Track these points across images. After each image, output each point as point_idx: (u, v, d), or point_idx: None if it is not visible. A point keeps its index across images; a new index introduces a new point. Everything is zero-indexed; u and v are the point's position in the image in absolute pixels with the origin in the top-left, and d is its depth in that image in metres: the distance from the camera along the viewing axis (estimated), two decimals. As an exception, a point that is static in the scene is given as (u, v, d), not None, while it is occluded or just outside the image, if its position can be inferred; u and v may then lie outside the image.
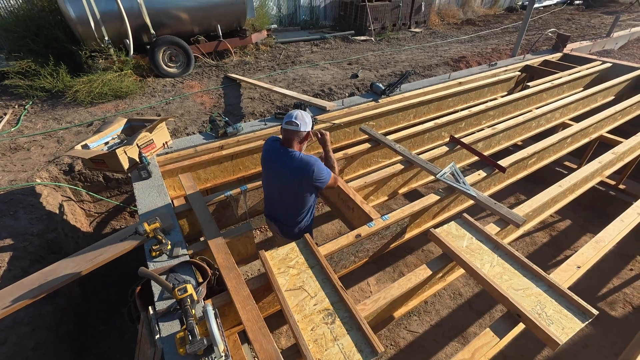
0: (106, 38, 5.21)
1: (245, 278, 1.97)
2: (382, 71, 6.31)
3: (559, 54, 5.73)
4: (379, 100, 3.92)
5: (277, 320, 1.88)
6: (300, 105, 3.56)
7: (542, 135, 4.00)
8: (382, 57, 7.25)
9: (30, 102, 4.84)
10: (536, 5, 12.88)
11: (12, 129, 4.18)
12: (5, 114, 4.55)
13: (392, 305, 1.91)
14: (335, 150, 3.24)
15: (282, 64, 6.68)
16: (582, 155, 4.48)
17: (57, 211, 3.11)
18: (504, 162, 2.87)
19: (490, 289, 1.75)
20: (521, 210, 2.37)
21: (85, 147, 2.62)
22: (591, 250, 2.11)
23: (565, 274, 1.95)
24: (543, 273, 1.80)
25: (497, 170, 2.81)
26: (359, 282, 3.33)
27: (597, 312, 1.64)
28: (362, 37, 8.71)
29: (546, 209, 2.73)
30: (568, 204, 2.97)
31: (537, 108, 4.24)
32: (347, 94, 5.32)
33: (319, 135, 2.28)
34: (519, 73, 5.13)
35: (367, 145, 3.16)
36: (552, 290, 1.74)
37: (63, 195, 3.38)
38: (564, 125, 4.27)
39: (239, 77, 5.65)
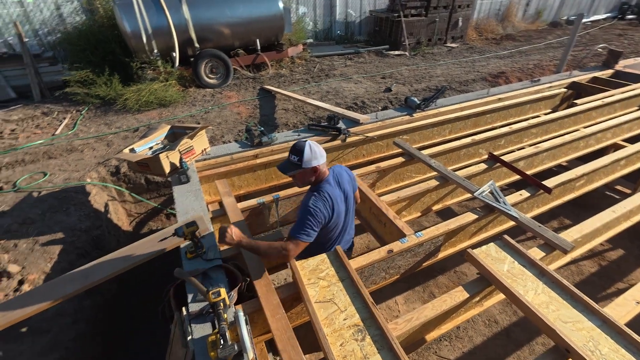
0: (155, 51, 5.62)
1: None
2: (416, 85, 6.25)
3: (609, 71, 5.37)
4: (414, 115, 3.86)
5: (303, 332, 1.86)
6: (334, 117, 3.58)
7: (591, 156, 3.73)
8: (417, 71, 7.19)
9: (86, 108, 5.29)
10: (584, 20, 12.25)
11: (70, 132, 4.57)
12: (64, 118, 4.99)
13: (425, 327, 1.83)
14: (368, 163, 3.22)
15: (316, 76, 6.82)
16: (637, 180, 4.11)
17: (103, 209, 3.33)
18: (549, 183, 2.69)
19: (534, 319, 1.62)
20: (569, 235, 2.20)
21: (132, 151, 2.80)
22: (652, 285, 1.91)
23: (622, 309, 1.77)
24: (596, 306, 1.64)
25: (541, 191, 2.65)
26: (387, 299, 3.22)
27: (662, 356, 1.46)
28: (397, 52, 8.71)
29: (597, 235, 2.52)
30: (622, 232, 2.71)
31: (585, 127, 3.98)
32: (380, 108, 5.31)
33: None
34: (565, 90, 4.86)
35: (400, 159, 3.11)
36: (607, 325, 1.58)
37: (108, 195, 3.61)
38: (615, 147, 3.96)
39: (274, 88, 5.83)
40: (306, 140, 1.84)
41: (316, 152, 1.81)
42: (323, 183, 1.90)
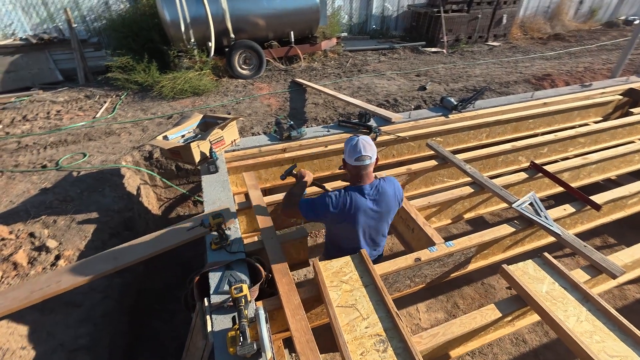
0: (192, 40, 5.73)
1: (295, 284, 1.95)
2: (453, 85, 5.97)
3: (674, 78, 4.86)
4: (449, 116, 3.68)
5: (321, 333, 1.82)
6: (365, 114, 3.49)
7: (646, 171, 3.41)
8: (454, 70, 6.87)
9: (125, 94, 5.51)
10: (644, 21, 11.19)
11: (109, 116, 4.78)
12: (105, 102, 5.23)
13: (451, 343, 1.73)
14: (398, 165, 3.11)
15: (348, 71, 6.70)
16: (698, 201, 3.71)
17: (135, 192, 3.45)
18: (597, 199, 2.47)
19: (575, 349, 1.49)
20: (618, 258, 2.00)
21: (165, 138, 2.86)
22: None
23: (678, 348, 1.58)
24: (649, 341, 1.48)
25: (587, 207, 2.43)
26: (408, 306, 3.12)
27: None
28: (433, 49, 8.38)
29: (650, 261, 2.28)
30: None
31: (641, 139, 3.64)
32: (413, 107, 5.12)
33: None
34: (620, 97, 4.44)
35: (433, 163, 2.98)
36: (660, 365, 1.42)
37: (141, 179, 3.74)
38: (677, 163, 3.59)
39: (305, 82, 5.79)
40: (358, 136, 1.78)
41: (346, 147, 1.79)
42: (354, 188, 1.79)
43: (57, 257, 2.48)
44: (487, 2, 8.63)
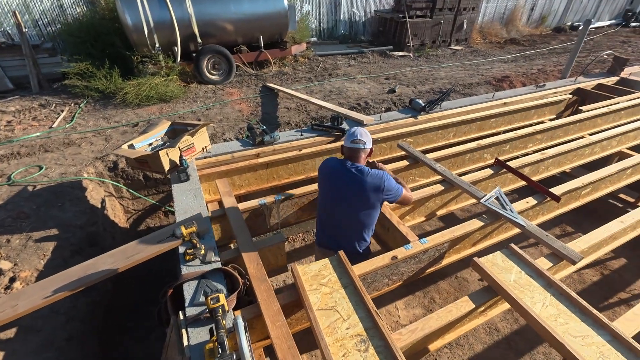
0: (157, 45, 5.53)
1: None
2: (420, 87, 6.19)
3: (615, 78, 5.34)
4: (418, 117, 3.81)
5: (302, 337, 1.80)
6: (337, 117, 3.53)
7: (595, 163, 3.70)
8: (420, 73, 7.13)
9: (85, 102, 5.20)
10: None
11: (67, 125, 4.49)
12: (62, 111, 4.91)
13: (429, 337, 1.77)
14: (371, 166, 3.16)
15: (319, 75, 6.75)
16: (641, 189, 4.08)
17: (99, 205, 3.26)
18: (556, 191, 2.64)
19: (542, 333, 1.57)
20: (576, 245, 2.15)
21: (131, 146, 2.73)
22: (661, 299, 1.86)
23: (631, 324, 1.72)
24: (606, 320, 1.59)
25: (548, 199, 2.60)
26: (387, 304, 3.17)
27: (674, 374, 1.42)
28: (401, 53, 8.66)
29: (603, 246, 2.47)
30: (625, 242, 2.67)
31: (590, 134, 3.94)
32: (383, 109, 5.25)
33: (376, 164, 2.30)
34: (570, 96, 4.81)
35: (404, 163, 3.06)
36: (617, 341, 1.53)
37: (106, 191, 3.54)
38: (621, 155, 3.93)
39: (276, 87, 5.76)
40: (358, 127, 2.12)
41: (346, 134, 2.12)
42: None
43: (12, 280, 2.28)
44: (449, 9, 9.06)
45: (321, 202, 2.25)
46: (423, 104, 3.88)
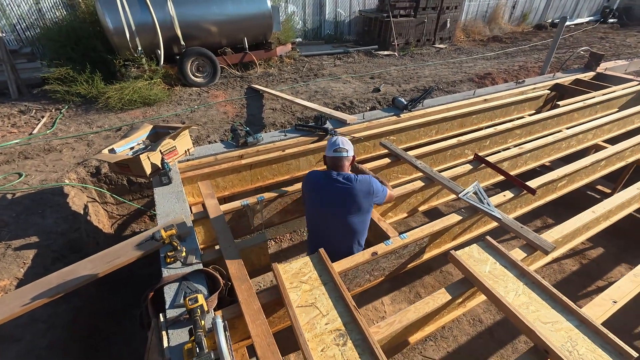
0: (139, 48, 5.48)
1: (257, 289, 1.94)
2: (405, 86, 6.27)
3: (591, 73, 5.50)
4: (401, 115, 3.87)
5: (288, 335, 1.83)
6: (321, 117, 3.56)
7: (573, 156, 3.81)
8: (405, 72, 7.22)
9: (66, 107, 5.12)
10: (567, 23, 12.52)
11: (48, 131, 4.41)
12: (42, 117, 4.83)
13: (408, 329, 1.82)
14: (354, 164, 3.20)
15: (305, 76, 6.78)
16: (617, 180, 4.22)
17: (82, 212, 3.22)
18: (532, 184, 2.72)
19: (515, 320, 1.63)
20: (550, 236, 2.23)
21: (112, 151, 2.71)
22: (629, 284, 1.95)
23: (600, 309, 1.80)
24: (574, 306, 1.66)
25: (524, 192, 2.68)
26: (373, 300, 3.21)
27: (637, 355, 1.49)
28: (386, 52, 8.74)
29: (577, 235, 2.56)
30: (601, 231, 2.77)
31: (567, 128, 4.06)
32: (368, 108, 5.30)
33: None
34: (549, 91, 4.94)
35: (387, 160, 3.11)
36: (585, 326, 1.60)
37: (88, 197, 3.50)
38: (596, 147, 4.06)
39: (262, 88, 5.77)
40: (338, 136, 2.22)
41: (327, 144, 2.13)
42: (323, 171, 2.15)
43: (-9, 289, 2.25)
44: (432, 8, 9.19)
45: (310, 217, 2.22)
46: (405, 102, 3.94)
